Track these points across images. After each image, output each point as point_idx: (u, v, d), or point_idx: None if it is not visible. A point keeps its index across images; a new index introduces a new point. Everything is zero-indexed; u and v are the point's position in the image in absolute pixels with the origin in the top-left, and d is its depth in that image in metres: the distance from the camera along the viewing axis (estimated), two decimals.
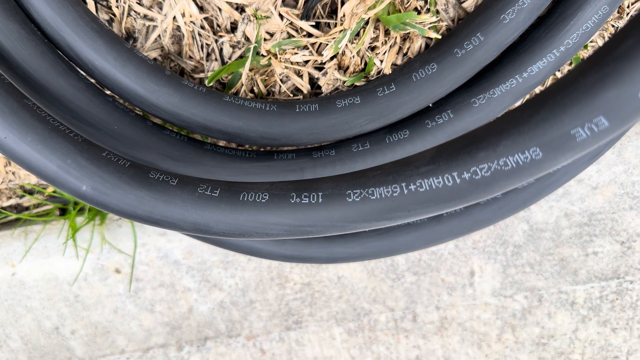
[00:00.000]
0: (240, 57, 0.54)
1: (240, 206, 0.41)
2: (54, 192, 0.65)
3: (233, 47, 0.54)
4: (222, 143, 0.58)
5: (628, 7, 0.53)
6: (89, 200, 0.41)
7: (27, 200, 0.67)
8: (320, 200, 0.40)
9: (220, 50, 0.54)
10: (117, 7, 0.52)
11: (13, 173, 0.63)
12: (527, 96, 0.54)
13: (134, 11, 0.52)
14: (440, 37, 0.49)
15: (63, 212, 0.67)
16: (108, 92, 0.52)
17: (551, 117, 0.31)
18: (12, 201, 0.67)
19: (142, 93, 0.49)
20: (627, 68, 0.29)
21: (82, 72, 0.48)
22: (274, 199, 0.41)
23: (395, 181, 0.37)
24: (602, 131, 0.31)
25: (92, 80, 0.50)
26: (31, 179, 0.63)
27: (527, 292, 0.69)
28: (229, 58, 0.54)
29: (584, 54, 0.57)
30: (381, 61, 0.51)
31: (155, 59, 0.55)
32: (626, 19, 0.53)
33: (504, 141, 0.33)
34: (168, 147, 0.52)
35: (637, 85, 0.29)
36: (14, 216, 0.65)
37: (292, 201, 0.40)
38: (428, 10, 0.50)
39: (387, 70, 0.51)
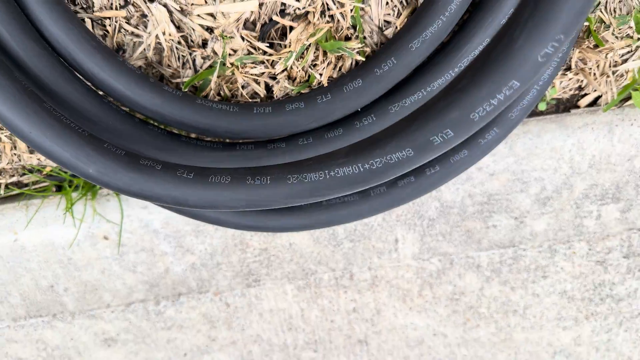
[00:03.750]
0: (210, 66, 0.68)
1: (209, 185, 0.55)
2: (51, 171, 0.78)
3: (204, 58, 0.67)
4: (193, 135, 0.72)
5: None
6: (94, 180, 0.55)
7: (27, 178, 0.79)
8: (269, 182, 0.54)
9: (194, 61, 0.67)
10: (109, 25, 0.64)
11: (18, 156, 0.75)
12: None
13: (124, 29, 0.65)
14: (364, 59, 0.64)
15: (59, 188, 0.79)
16: (102, 94, 0.65)
17: (419, 128, 0.47)
18: (14, 179, 0.79)
19: (131, 96, 0.62)
20: (464, 98, 0.45)
21: (84, 80, 0.61)
22: (234, 181, 0.55)
23: (321, 169, 0.52)
24: (449, 139, 0.46)
25: (92, 87, 0.62)
26: (33, 161, 0.76)
27: (440, 257, 0.87)
28: (201, 67, 0.68)
29: None
30: (320, 75, 0.66)
31: (140, 66, 0.68)
32: None
33: (390, 143, 0.48)
34: (151, 139, 0.65)
35: (470, 110, 0.45)
36: (18, 191, 0.78)
37: (248, 182, 0.55)
38: (357, 36, 0.65)
39: (325, 83, 0.66)
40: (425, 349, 0.99)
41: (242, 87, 0.69)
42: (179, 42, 0.66)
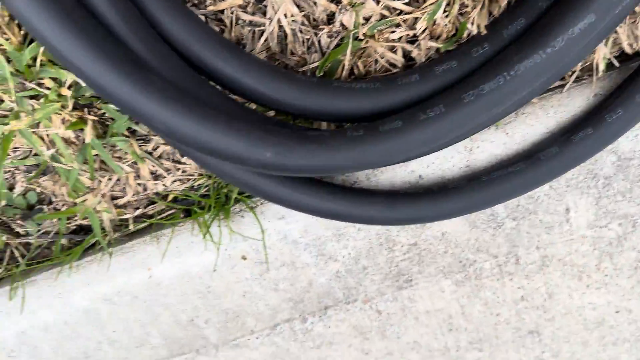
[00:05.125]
0: (337, 45, 0.59)
1: (382, 136, 0.52)
2: (175, 197, 0.72)
3: (330, 37, 0.59)
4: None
5: None
6: (271, 166, 0.49)
7: (151, 209, 0.74)
8: (443, 109, 0.52)
9: (319, 42, 0.60)
10: (226, 17, 0.58)
11: (143, 186, 0.70)
12: None
13: (241, 19, 0.58)
14: None
15: (187, 213, 0.74)
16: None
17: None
18: (139, 211, 0.74)
19: (264, 91, 0.55)
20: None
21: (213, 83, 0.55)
22: (407, 123, 0.52)
23: (498, 73, 0.51)
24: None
25: (219, 86, 0.56)
26: (158, 187, 0.71)
27: (620, 220, 0.74)
28: (327, 47, 0.60)
29: None
30: (472, 24, 0.56)
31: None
32: None
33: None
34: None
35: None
36: (148, 222, 0.73)
37: (422, 119, 0.52)
38: None
39: (483, 30, 0.56)
40: (607, 329, 0.86)
41: (377, 59, 0.60)
42: (303, 23, 0.58)
